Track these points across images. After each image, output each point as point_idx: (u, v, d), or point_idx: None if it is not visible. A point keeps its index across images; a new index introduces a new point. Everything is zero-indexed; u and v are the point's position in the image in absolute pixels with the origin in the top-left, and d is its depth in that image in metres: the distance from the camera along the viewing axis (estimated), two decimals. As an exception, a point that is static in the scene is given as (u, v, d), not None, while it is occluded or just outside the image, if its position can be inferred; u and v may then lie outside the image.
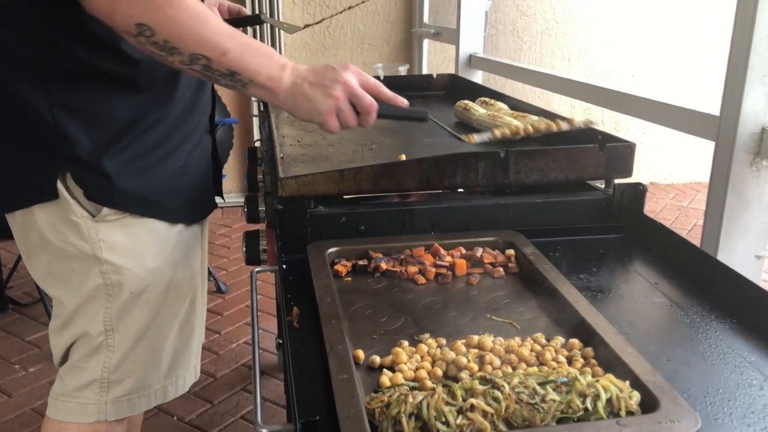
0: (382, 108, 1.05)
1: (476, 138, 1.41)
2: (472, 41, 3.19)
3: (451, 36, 3.40)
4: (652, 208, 4.56)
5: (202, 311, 1.38)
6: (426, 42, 4.33)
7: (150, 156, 1.17)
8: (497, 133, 1.43)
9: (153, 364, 1.27)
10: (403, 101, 1.08)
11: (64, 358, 1.26)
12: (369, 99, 1.03)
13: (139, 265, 1.18)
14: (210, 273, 3.31)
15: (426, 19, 4.28)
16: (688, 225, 4.28)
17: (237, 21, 1.55)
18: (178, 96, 1.19)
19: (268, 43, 4.25)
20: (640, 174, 4.89)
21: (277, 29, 4.25)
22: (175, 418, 2.32)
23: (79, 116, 1.09)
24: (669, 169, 5.12)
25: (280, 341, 2.46)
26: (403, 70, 2.70)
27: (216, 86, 1.25)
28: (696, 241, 1.44)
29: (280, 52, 4.35)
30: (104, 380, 1.22)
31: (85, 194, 1.12)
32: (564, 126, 1.37)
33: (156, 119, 1.16)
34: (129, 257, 1.17)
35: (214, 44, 0.97)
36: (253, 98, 4.34)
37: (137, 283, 1.19)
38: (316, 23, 1.48)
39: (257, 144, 1.98)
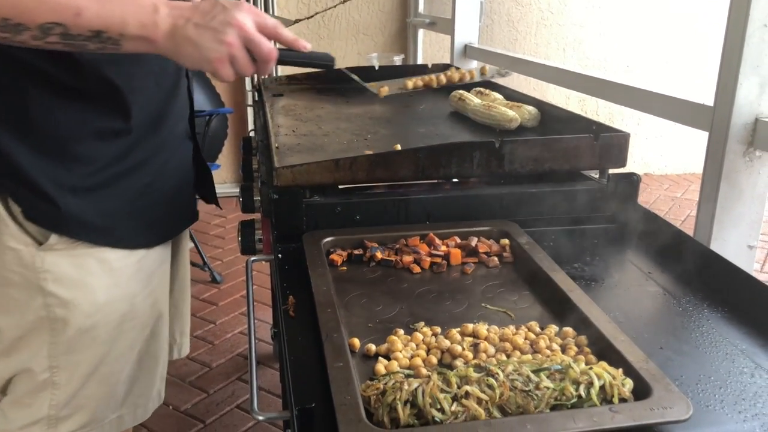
0: (282, 54, 0.96)
1: (386, 90, 1.43)
2: (467, 31, 3.19)
3: (447, 26, 3.39)
4: (645, 198, 4.57)
5: (164, 336, 1.26)
6: (421, 32, 4.32)
7: (101, 174, 1.03)
8: (409, 84, 1.47)
9: (107, 397, 1.15)
10: (305, 45, 0.97)
11: (3, 389, 1.12)
12: (267, 45, 0.90)
13: (87, 301, 1.05)
14: (205, 263, 3.31)
15: (421, 8, 4.27)
16: (682, 216, 4.30)
17: None
18: (141, 105, 1.07)
19: (259, 7, 4.21)
20: (634, 165, 4.90)
21: (270, 10, 4.23)
22: (171, 407, 2.33)
23: (14, 126, 0.97)
24: (663, 160, 5.14)
25: (276, 330, 2.46)
26: (398, 60, 2.69)
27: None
28: (689, 231, 1.45)
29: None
30: (51, 417, 1.10)
31: (25, 216, 1.00)
32: (476, 76, 1.39)
33: (109, 132, 1.04)
34: (77, 291, 1.05)
35: (62, 6, 0.82)
36: (247, 88, 4.33)
37: (84, 319, 1.06)
38: (308, 18, 1.42)
39: (252, 134, 1.98)
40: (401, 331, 0.89)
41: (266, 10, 4.21)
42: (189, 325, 1.42)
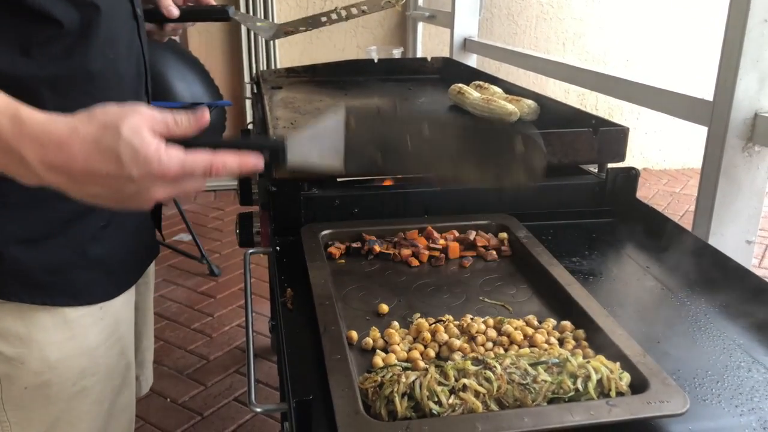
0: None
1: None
2: (466, 25, 3.18)
3: (446, 19, 3.38)
4: (644, 193, 4.58)
5: (134, 383, 1.12)
6: (420, 25, 4.30)
7: (44, 221, 0.87)
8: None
9: None
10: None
11: None
12: (194, 186, 0.73)
13: (36, 359, 0.90)
14: (203, 256, 3.31)
15: (421, 2, 4.26)
16: (680, 211, 4.30)
17: (198, 13, 1.25)
18: None
19: (258, 7, 4.18)
20: (633, 159, 4.90)
21: (269, 9, 4.21)
22: (168, 399, 2.33)
23: None
24: (662, 155, 5.14)
25: (273, 323, 2.46)
26: (397, 53, 2.69)
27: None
28: (688, 226, 1.45)
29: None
30: None
31: None
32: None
33: None
34: (23, 348, 0.90)
35: None
36: (245, 81, 4.32)
37: (33, 378, 0.92)
38: (298, 32, 1.35)
39: (250, 126, 1.97)
40: (397, 324, 0.89)
41: (265, 9, 4.19)
42: (152, 352, 1.32)
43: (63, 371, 0.93)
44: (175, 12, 1.13)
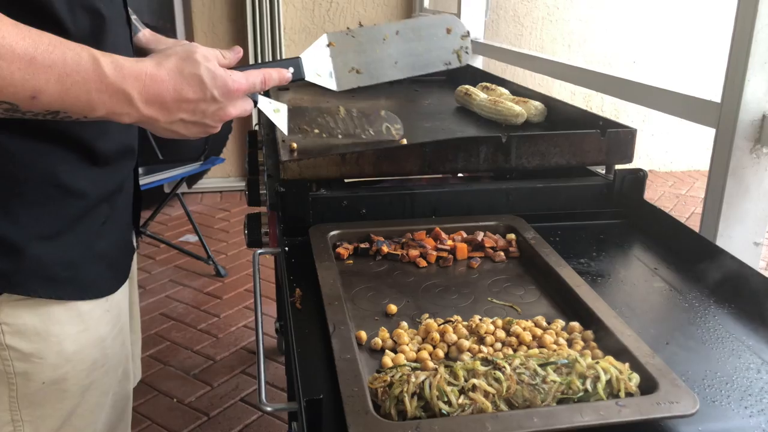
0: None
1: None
2: (472, 26, 3.18)
3: (452, 21, 3.38)
4: (650, 195, 4.57)
5: (129, 375, 1.12)
6: (426, 27, 4.30)
7: (58, 218, 0.88)
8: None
9: None
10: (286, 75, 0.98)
11: None
12: (248, 102, 0.90)
13: (54, 352, 0.92)
14: (209, 256, 3.32)
15: (426, 3, 4.26)
16: (686, 213, 4.29)
17: None
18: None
19: (266, 27, 4.22)
20: (639, 161, 4.88)
21: (275, 11, 4.22)
22: (175, 400, 2.34)
23: None
24: (668, 157, 5.13)
25: (281, 324, 2.47)
26: (403, 55, 2.69)
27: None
28: (694, 228, 1.45)
29: (279, 37, 4.32)
30: None
31: None
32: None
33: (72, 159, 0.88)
34: (41, 343, 0.91)
35: (15, 87, 0.69)
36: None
37: (51, 372, 0.93)
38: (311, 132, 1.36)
39: (257, 127, 1.98)
40: (405, 325, 0.89)
41: (271, 10, 4.20)
42: (140, 346, 1.31)
43: (78, 363, 0.96)
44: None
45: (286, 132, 1.08)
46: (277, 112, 1.05)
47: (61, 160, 0.86)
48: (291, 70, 0.99)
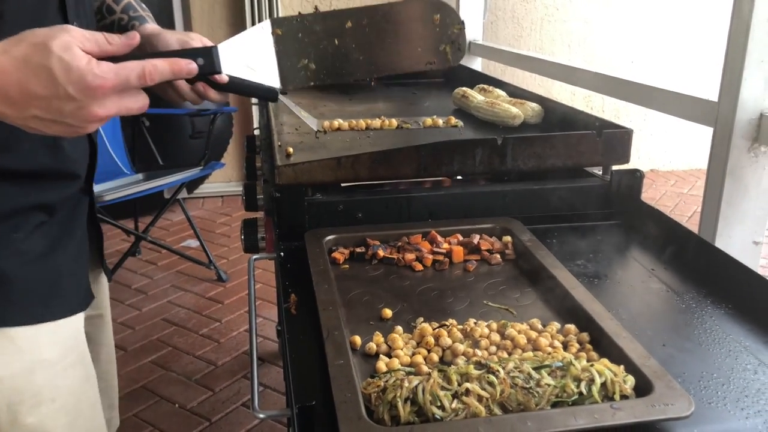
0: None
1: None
2: (471, 28, 3.18)
3: (451, 23, 3.38)
4: (652, 195, 4.56)
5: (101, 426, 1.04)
6: (425, 29, 4.30)
7: None
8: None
9: None
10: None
11: None
12: (135, 98, 0.73)
13: None
14: (211, 261, 3.32)
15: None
16: (688, 212, 4.28)
17: (246, 87, 0.94)
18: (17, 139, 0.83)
19: (264, 12, 4.20)
20: (640, 161, 4.89)
21: (275, 10, 4.22)
22: (177, 405, 2.34)
23: None
24: (669, 156, 5.12)
25: (280, 328, 2.47)
26: (402, 58, 2.69)
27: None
28: (695, 227, 1.44)
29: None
30: None
31: None
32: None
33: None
34: None
35: None
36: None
37: None
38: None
39: (256, 132, 1.98)
40: (400, 329, 0.89)
41: (270, 8, 4.20)
42: (117, 392, 1.26)
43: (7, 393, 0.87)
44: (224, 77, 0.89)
45: (280, 85, 0.87)
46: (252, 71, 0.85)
47: None
48: (200, 61, 0.78)
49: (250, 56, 0.84)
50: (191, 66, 0.76)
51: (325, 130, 1.42)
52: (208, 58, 0.80)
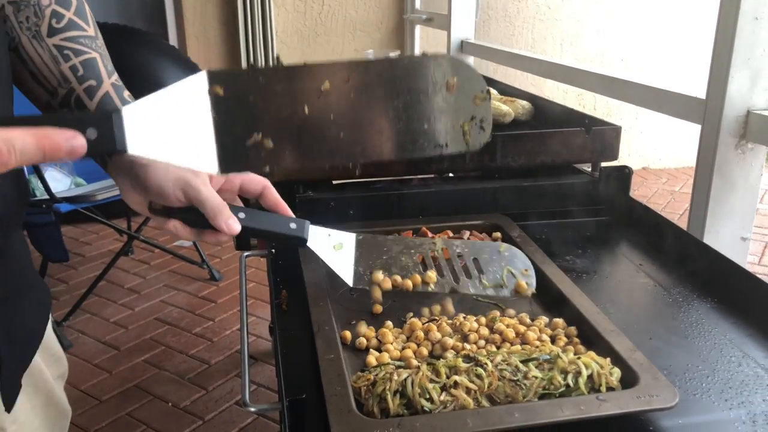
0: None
1: None
2: (463, 27, 3.19)
3: (443, 22, 3.39)
4: (643, 192, 4.58)
5: None
6: (418, 28, 4.32)
7: None
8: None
9: None
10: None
11: None
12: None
13: None
14: (204, 261, 3.32)
15: (418, 4, 4.27)
16: (680, 209, 4.30)
17: (270, 235, 0.84)
18: None
19: (258, 31, 4.22)
20: (631, 159, 4.91)
21: (267, 15, 4.22)
22: (170, 404, 2.34)
23: None
24: (660, 154, 5.14)
25: (272, 326, 2.47)
26: (394, 57, 2.70)
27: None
28: (686, 224, 1.46)
29: (271, 39, 4.33)
30: None
31: None
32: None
33: None
34: None
35: None
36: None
37: None
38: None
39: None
40: (390, 324, 0.90)
41: (263, 14, 4.20)
42: None
43: None
44: (237, 227, 0.74)
45: (350, 283, 0.75)
46: (339, 249, 0.71)
47: None
48: (91, 133, 0.53)
49: (171, 128, 0.58)
50: (75, 143, 0.52)
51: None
52: (104, 128, 0.54)
